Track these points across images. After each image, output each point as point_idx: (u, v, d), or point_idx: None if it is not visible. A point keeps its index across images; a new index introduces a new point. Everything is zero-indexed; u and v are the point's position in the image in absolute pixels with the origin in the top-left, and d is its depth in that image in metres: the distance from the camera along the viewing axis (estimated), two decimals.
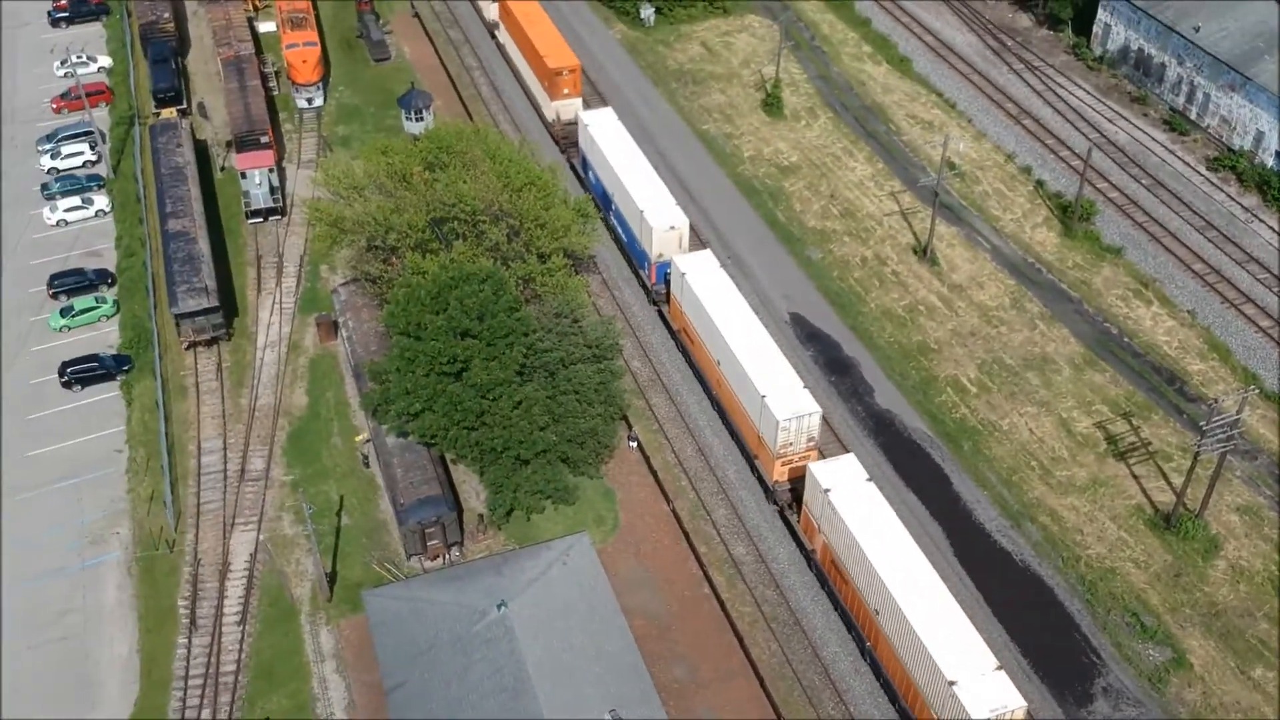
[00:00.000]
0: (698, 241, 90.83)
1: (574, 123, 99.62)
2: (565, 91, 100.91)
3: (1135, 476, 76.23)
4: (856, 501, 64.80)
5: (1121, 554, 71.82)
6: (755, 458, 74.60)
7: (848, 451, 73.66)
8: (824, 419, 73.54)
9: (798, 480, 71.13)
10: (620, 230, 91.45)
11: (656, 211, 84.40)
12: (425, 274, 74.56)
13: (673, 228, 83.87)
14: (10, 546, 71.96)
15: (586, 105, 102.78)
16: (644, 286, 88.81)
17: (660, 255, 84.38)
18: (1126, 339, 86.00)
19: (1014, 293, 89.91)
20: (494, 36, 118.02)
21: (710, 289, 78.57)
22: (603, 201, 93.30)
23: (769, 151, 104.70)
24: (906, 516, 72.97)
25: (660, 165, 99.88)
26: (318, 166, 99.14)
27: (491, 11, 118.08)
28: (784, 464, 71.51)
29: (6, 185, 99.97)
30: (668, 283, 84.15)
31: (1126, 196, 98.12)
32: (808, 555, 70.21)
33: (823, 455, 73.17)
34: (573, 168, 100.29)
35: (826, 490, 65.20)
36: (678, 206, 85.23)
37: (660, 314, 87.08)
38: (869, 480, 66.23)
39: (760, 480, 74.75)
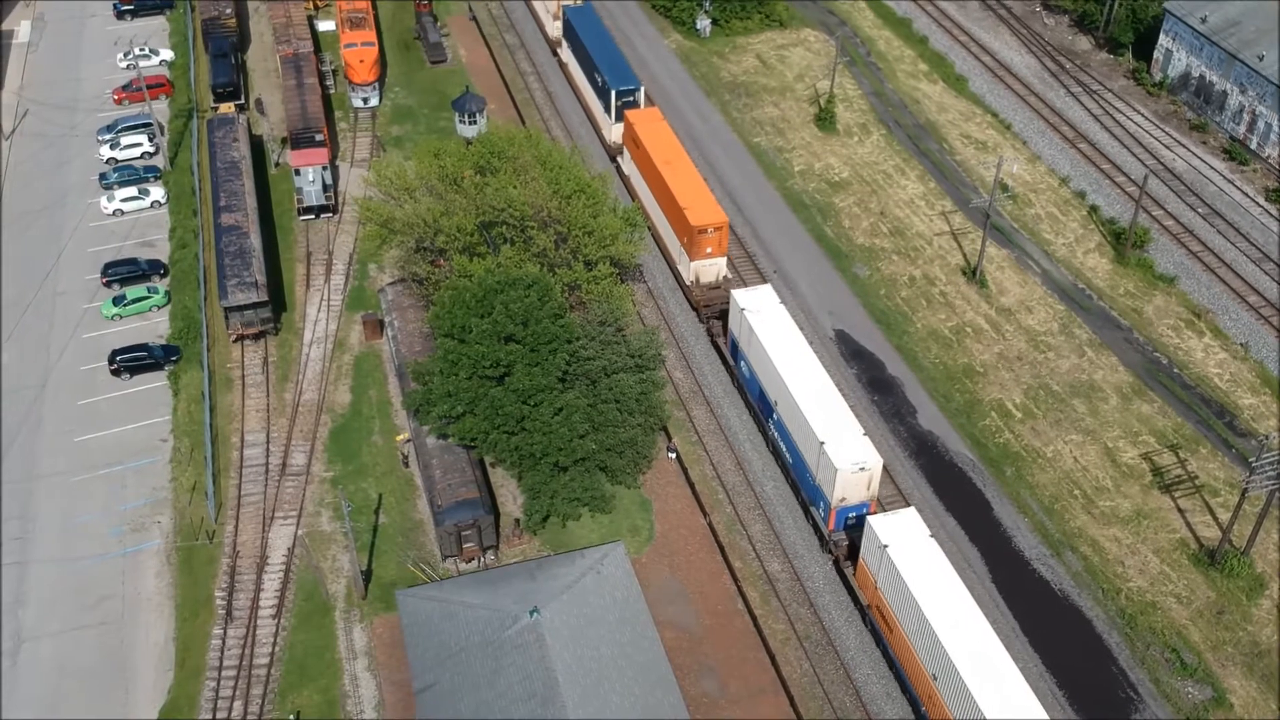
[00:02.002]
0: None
1: (716, 287, 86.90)
2: (708, 251, 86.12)
3: (1180, 510, 75.03)
4: None
5: (1163, 588, 70.68)
6: None
7: None
8: None
9: None
10: (783, 446, 74.86)
11: (841, 445, 67.65)
12: (472, 277, 74.93)
13: (862, 469, 67.28)
14: (54, 530, 73.02)
15: (731, 266, 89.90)
16: (814, 525, 72.60)
17: (843, 500, 68.52)
18: (1176, 370, 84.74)
19: (1063, 318, 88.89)
20: (614, 160, 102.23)
21: (921, 572, 61.18)
22: (760, 404, 77.65)
23: (820, 166, 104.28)
24: (945, 540, 72.34)
25: (710, 176, 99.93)
26: (370, 166, 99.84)
27: (614, 133, 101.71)
28: None
29: (68, 173, 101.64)
30: (848, 527, 69.45)
31: (1182, 225, 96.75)
32: None
33: None
34: (714, 344, 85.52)
35: None
36: (865, 436, 69.08)
37: (837, 566, 70.50)
38: None
39: None
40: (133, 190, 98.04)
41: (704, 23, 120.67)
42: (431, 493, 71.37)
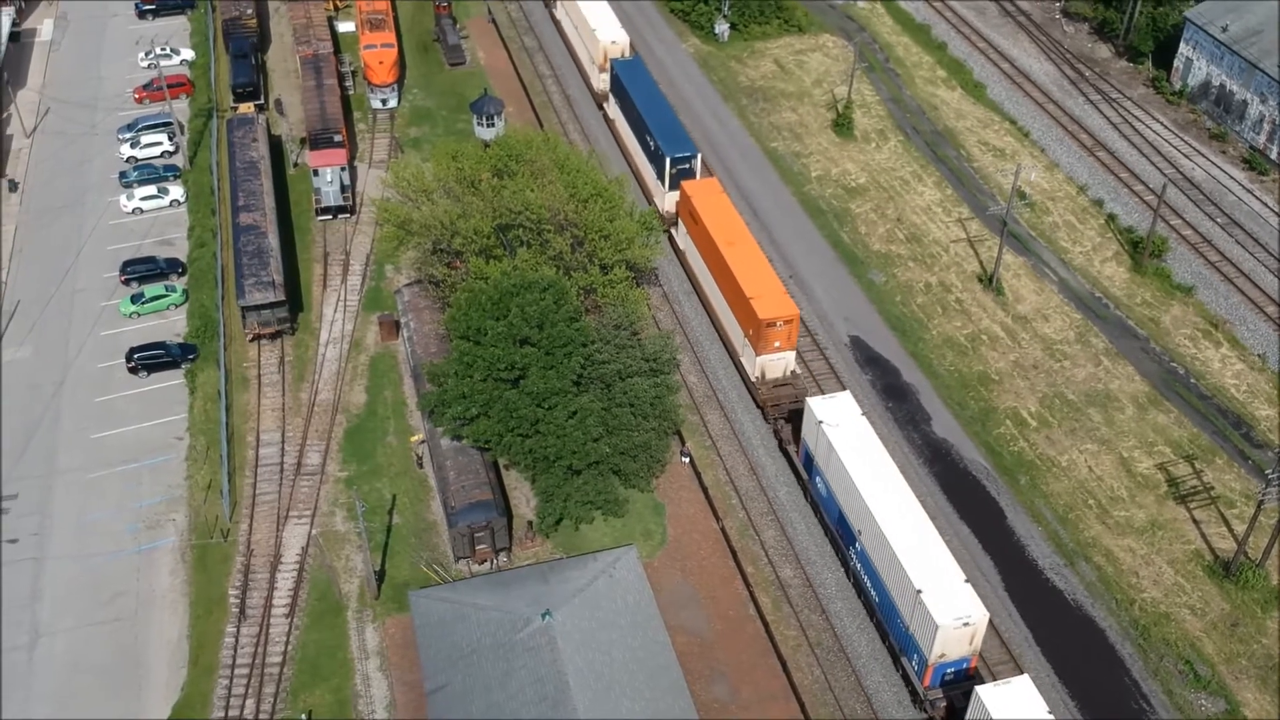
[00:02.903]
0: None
1: (785, 384, 80.00)
2: (776, 345, 78.88)
3: (1195, 521, 74.70)
4: None
5: (1177, 599, 70.38)
6: None
7: None
8: None
9: None
10: (868, 581, 67.33)
11: (943, 596, 60.21)
12: (488, 279, 75.11)
13: (966, 624, 59.71)
14: (69, 526, 73.45)
15: (801, 359, 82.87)
16: (899, 669, 65.82)
17: (943, 656, 60.98)
18: (1193, 380, 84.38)
19: (1079, 327, 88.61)
20: (667, 231, 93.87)
21: None
22: (839, 529, 70.18)
23: (837, 172, 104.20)
24: (958, 549, 72.09)
25: (727, 181, 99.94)
26: (388, 167, 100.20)
27: (667, 201, 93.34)
28: None
29: (88, 171, 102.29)
30: (946, 684, 62.47)
31: (1200, 235, 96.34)
32: None
33: None
34: (782, 447, 78.66)
35: None
36: (968, 583, 61.56)
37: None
38: None
39: None
40: (152, 189, 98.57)
41: (722, 27, 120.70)
42: (445, 494, 71.56)
